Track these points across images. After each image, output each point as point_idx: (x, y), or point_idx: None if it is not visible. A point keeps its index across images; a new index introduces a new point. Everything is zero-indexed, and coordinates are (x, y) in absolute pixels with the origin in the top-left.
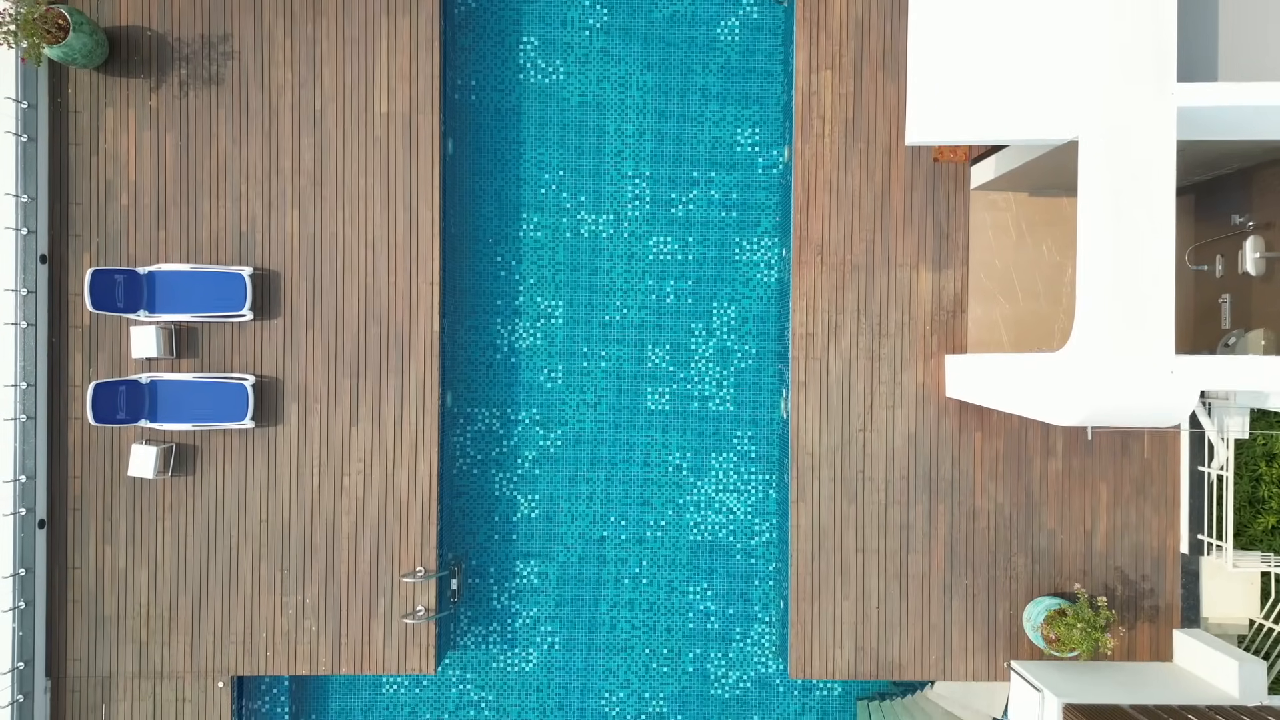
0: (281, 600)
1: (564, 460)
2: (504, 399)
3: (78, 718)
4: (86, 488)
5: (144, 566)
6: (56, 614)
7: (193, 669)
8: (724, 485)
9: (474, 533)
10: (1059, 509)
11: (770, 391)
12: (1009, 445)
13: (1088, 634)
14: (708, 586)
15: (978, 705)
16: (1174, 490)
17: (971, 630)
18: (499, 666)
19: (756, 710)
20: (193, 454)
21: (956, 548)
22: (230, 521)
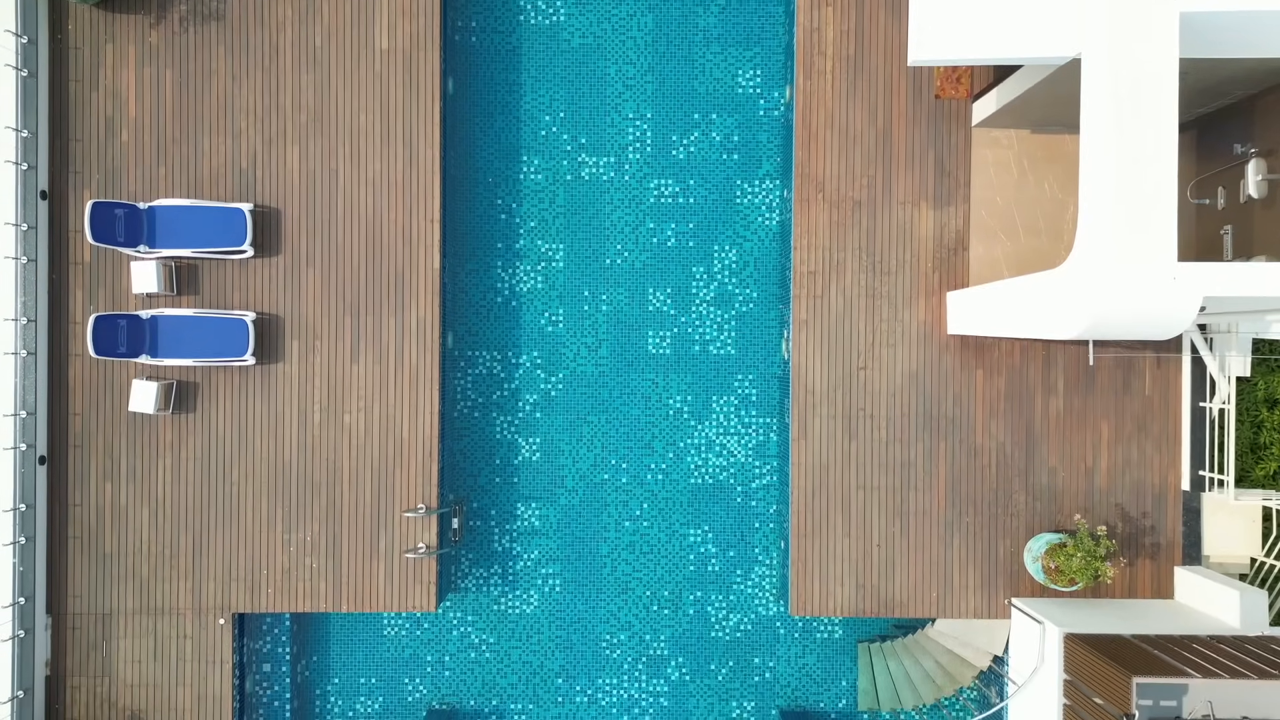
0: (282, 538)
1: (565, 403)
2: (505, 342)
3: (79, 654)
4: (87, 424)
5: (145, 504)
6: (57, 551)
7: (194, 606)
8: (725, 429)
9: (475, 475)
10: (1060, 446)
11: (771, 335)
12: (1010, 383)
13: (1088, 563)
14: (708, 529)
15: (978, 643)
16: (1175, 427)
17: (972, 567)
18: (500, 609)
19: (757, 652)
20: (193, 391)
21: (958, 485)
22: (231, 459)
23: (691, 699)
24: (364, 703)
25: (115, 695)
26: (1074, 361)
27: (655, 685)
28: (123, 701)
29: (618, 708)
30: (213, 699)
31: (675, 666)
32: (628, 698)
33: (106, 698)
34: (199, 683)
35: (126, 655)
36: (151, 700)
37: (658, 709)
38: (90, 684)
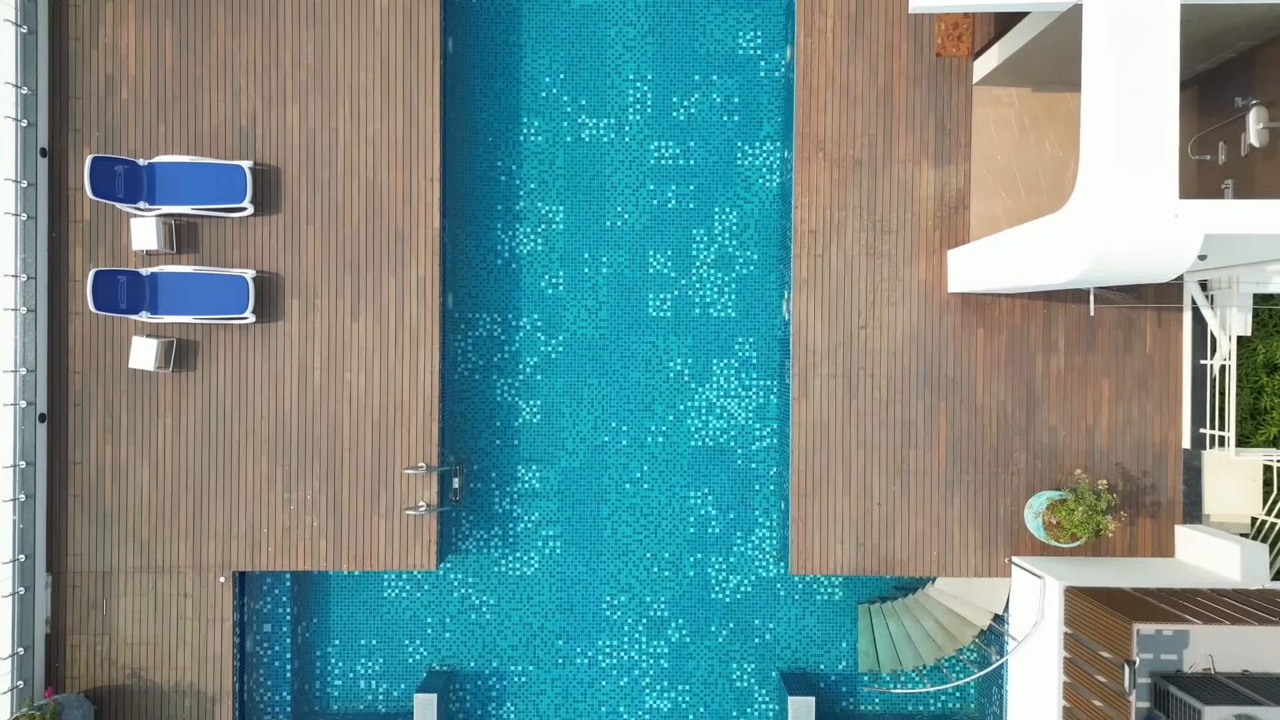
0: (283, 496)
1: (565, 366)
2: (505, 304)
3: (79, 613)
4: (87, 383)
5: (145, 462)
6: (57, 509)
7: (194, 564)
8: (725, 391)
9: (475, 438)
10: (1061, 405)
11: (772, 297)
12: (1011, 342)
13: (1089, 518)
14: (708, 491)
15: (978, 601)
16: (1176, 386)
17: (973, 526)
18: (500, 570)
19: (757, 614)
20: (193, 350)
21: (958, 444)
22: (231, 417)
23: (691, 661)
24: (364, 664)
25: (116, 653)
26: (1075, 320)
27: (655, 647)
28: (123, 659)
29: (618, 669)
30: (213, 657)
31: (675, 628)
32: (628, 659)
33: (107, 656)
34: (199, 641)
35: (127, 613)
36: (152, 658)
37: (658, 670)
38: (90, 642)
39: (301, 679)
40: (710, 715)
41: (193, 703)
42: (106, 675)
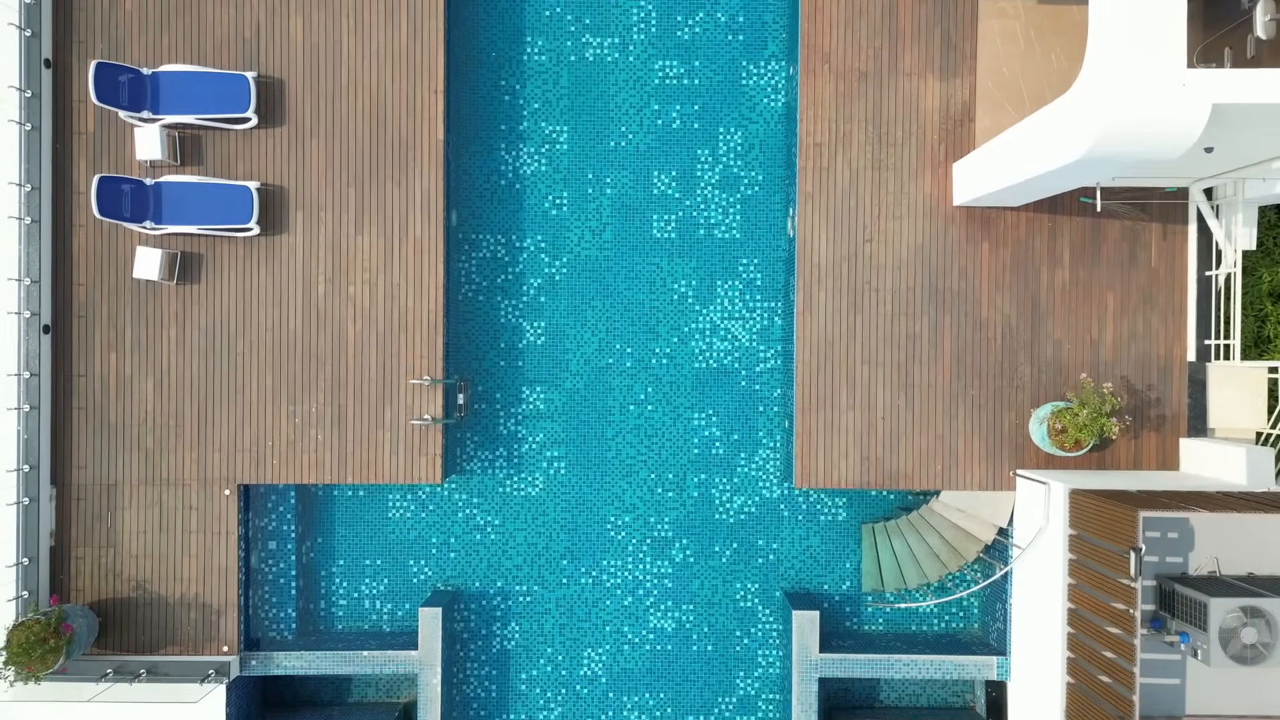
0: (288, 409)
1: (569, 287)
2: (509, 225)
3: (83, 526)
4: (91, 295)
5: (150, 374)
6: (62, 421)
7: (199, 477)
8: (729, 313)
9: (480, 359)
10: (1065, 319)
11: (776, 218)
12: (1016, 255)
13: (1094, 420)
14: (712, 413)
15: (983, 514)
16: (1181, 299)
17: (978, 440)
18: (505, 491)
19: (761, 534)
20: (197, 262)
21: (963, 358)
22: (236, 331)
23: (695, 580)
24: (369, 584)
25: (120, 566)
26: (1080, 233)
27: (659, 567)
28: (128, 572)
29: (622, 589)
30: (219, 570)
31: (679, 548)
32: (632, 579)
33: (112, 569)
34: (205, 554)
35: (132, 526)
36: (157, 571)
37: (662, 590)
38: (95, 555)
39: (306, 598)
40: (714, 635)
41: (198, 615)
42: (111, 588)
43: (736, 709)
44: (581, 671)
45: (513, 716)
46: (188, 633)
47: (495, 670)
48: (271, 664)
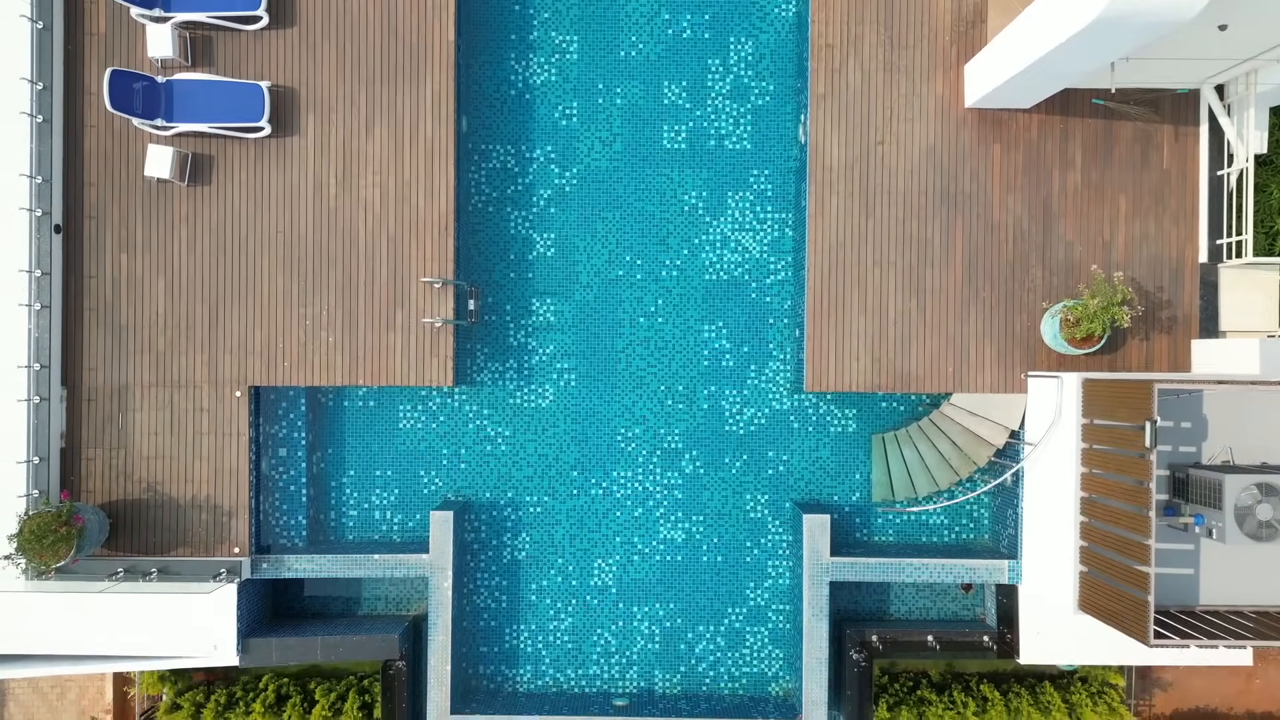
0: (299, 311)
1: (579, 199)
2: (518, 136)
3: (94, 427)
4: (103, 195)
5: (161, 275)
6: (72, 323)
7: (210, 379)
8: (740, 224)
9: (489, 270)
10: (1077, 221)
11: (787, 129)
12: (1028, 158)
13: (1105, 308)
14: (723, 325)
15: (995, 417)
16: (1193, 201)
17: (989, 343)
18: (515, 402)
19: (771, 446)
20: (209, 164)
21: (974, 261)
22: (247, 232)
23: (705, 492)
24: (379, 495)
25: (131, 468)
26: (1092, 135)
27: (669, 478)
28: (139, 474)
29: (632, 500)
30: (230, 471)
31: (689, 460)
32: (642, 490)
33: (122, 470)
34: (216, 455)
35: (143, 428)
36: (168, 472)
37: (671, 501)
38: (106, 456)
39: (316, 507)
40: (724, 546)
41: (209, 517)
42: (122, 489)
43: (746, 619)
44: (592, 582)
45: (522, 626)
46: (198, 534)
47: (505, 581)
48: (282, 567)
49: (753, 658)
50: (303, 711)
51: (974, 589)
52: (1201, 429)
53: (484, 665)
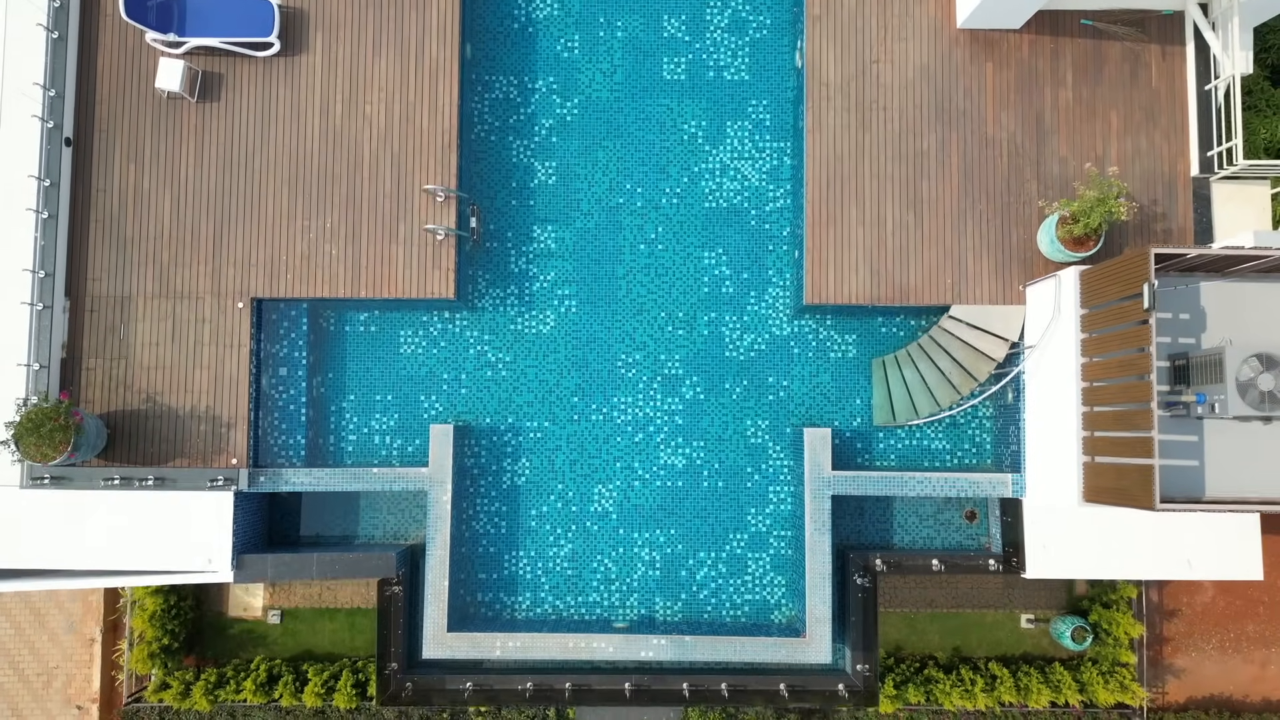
0: (302, 225)
1: (581, 128)
2: (521, 67)
3: (96, 337)
4: (113, 110)
5: (168, 190)
6: (78, 235)
7: (213, 290)
8: (739, 153)
9: (491, 197)
10: (1070, 137)
11: (785, 61)
12: (1019, 75)
13: (1102, 201)
14: (723, 252)
15: (994, 328)
16: (1183, 116)
17: (986, 255)
18: (516, 329)
19: (771, 371)
20: (218, 82)
21: (970, 174)
22: (253, 148)
23: (706, 417)
24: (379, 419)
25: (131, 378)
26: (1082, 54)
27: (670, 404)
28: (139, 383)
29: (632, 425)
30: (230, 382)
31: (690, 386)
32: (642, 416)
33: (122, 380)
34: (217, 366)
35: (144, 338)
36: (167, 383)
37: (672, 427)
38: (106, 366)
39: (316, 430)
40: (725, 471)
41: (208, 428)
42: (121, 400)
43: (748, 546)
44: (592, 508)
45: (522, 553)
46: (196, 445)
47: (505, 506)
48: (280, 480)
49: (754, 584)
50: (294, 689)
51: (978, 518)
52: (1200, 321)
53: (482, 592)
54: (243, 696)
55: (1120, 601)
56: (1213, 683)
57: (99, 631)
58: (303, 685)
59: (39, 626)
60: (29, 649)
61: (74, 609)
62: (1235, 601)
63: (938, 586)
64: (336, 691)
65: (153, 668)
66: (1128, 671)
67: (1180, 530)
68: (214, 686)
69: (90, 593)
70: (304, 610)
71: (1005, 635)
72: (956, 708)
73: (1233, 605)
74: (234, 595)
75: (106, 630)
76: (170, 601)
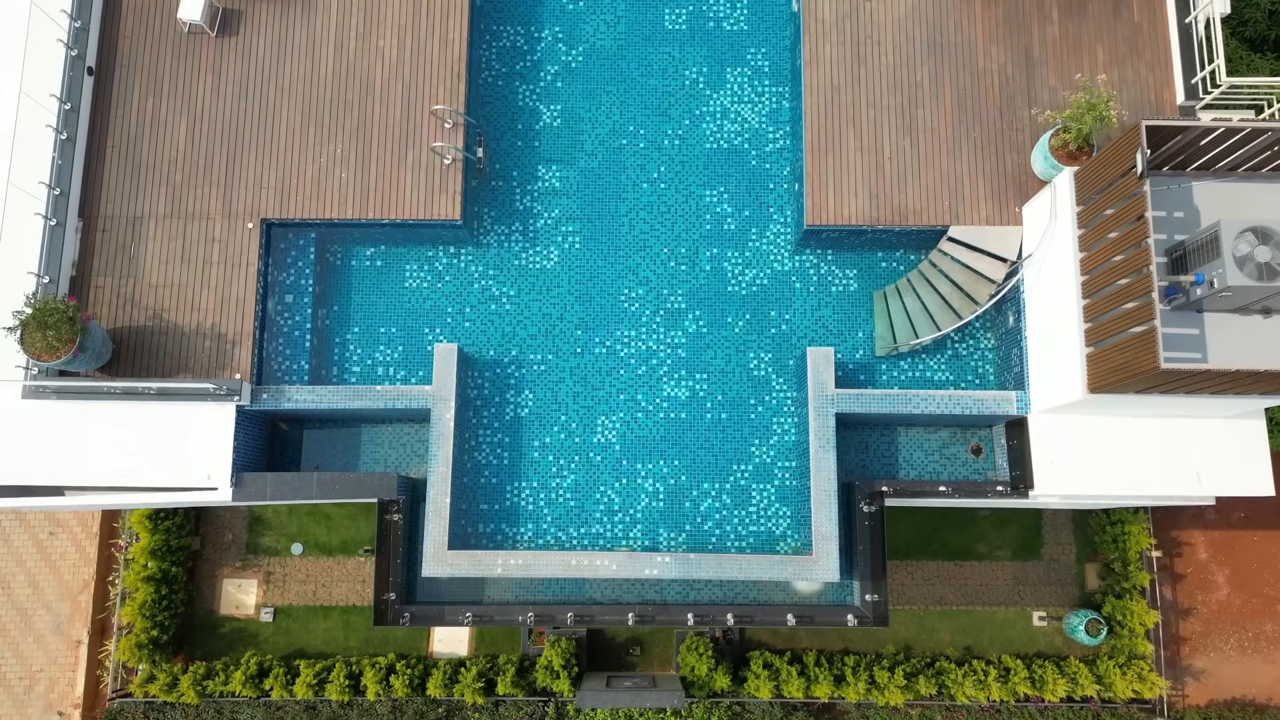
0: (314, 150)
1: (585, 74)
2: (528, 17)
3: (106, 255)
4: (136, 45)
5: (183, 118)
6: (95, 160)
7: (224, 211)
8: (739, 97)
9: (497, 139)
10: (1058, 69)
11: (782, 11)
12: (1007, 12)
13: (1092, 107)
14: (724, 190)
15: (993, 248)
16: (1165, 50)
17: (982, 179)
18: (520, 264)
19: (773, 306)
20: (237, 18)
21: (963, 103)
22: (268, 79)
23: (709, 350)
24: (383, 351)
25: (139, 295)
26: None
27: (673, 337)
28: (146, 301)
29: (635, 358)
30: (236, 300)
31: (693, 319)
32: (645, 349)
33: (130, 297)
34: (224, 285)
35: (154, 257)
36: (175, 300)
37: (675, 360)
38: (114, 284)
39: (319, 360)
40: (728, 403)
41: (213, 345)
42: (128, 316)
43: (753, 476)
44: (595, 439)
45: (524, 484)
46: (201, 361)
47: (507, 438)
48: (283, 397)
49: (759, 515)
50: (285, 682)
51: (984, 453)
52: (1194, 219)
53: (484, 523)
54: (232, 689)
55: (1133, 590)
56: (1233, 684)
57: (86, 633)
58: (294, 679)
59: (25, 628)
60: (13, 651)
61: (62, 609)
62: (1251, 600)
63: (946, 583)
64: (329, 684)
65: (140, 660)
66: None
67: (1186, 445)
68: (202, 678)
69: (80, 593)
70: (297, 608)
71: (1017, 634)
72: (970, 699)
73: (1249, 604)
74: (226, 592)
75: (94, 632)
76: (161, 592)
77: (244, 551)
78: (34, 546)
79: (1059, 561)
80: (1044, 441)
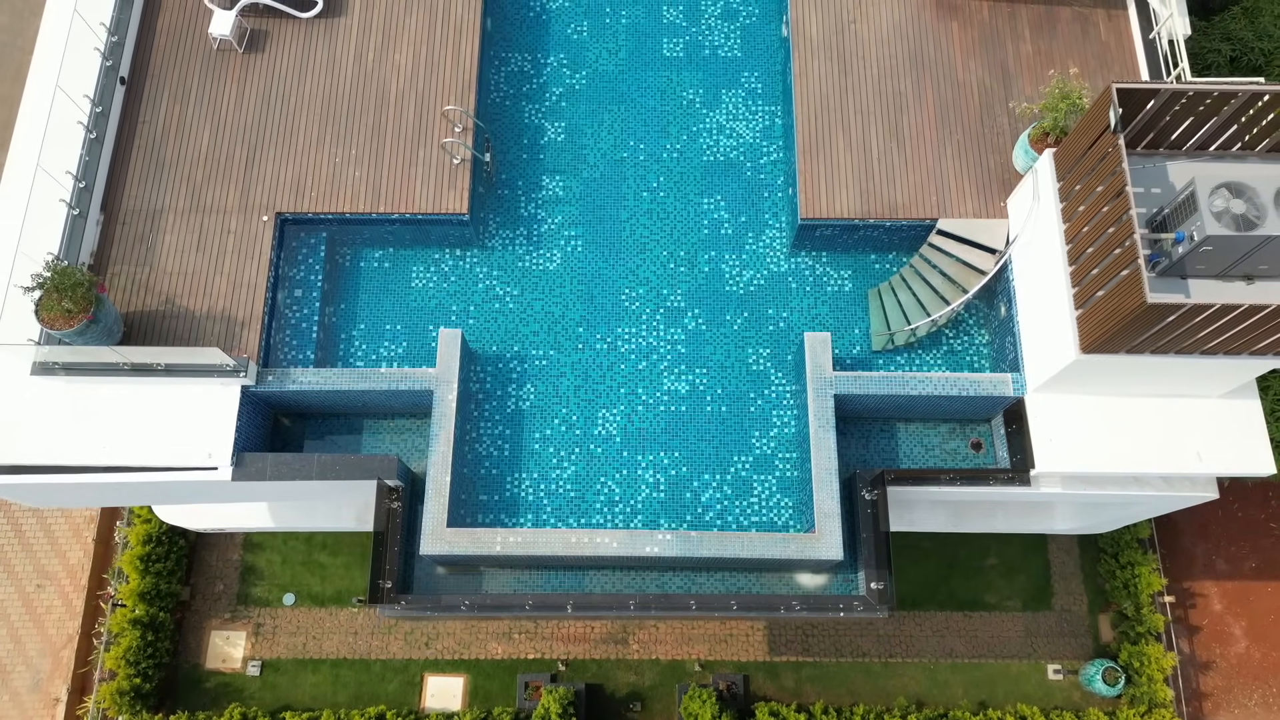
0: (330, 152)
1: (588, 95)
2: (535, 45)
3: (124, 245)
4: (167, 59)
5: (207, 123)
6: (121, 159)
7: (241, 206)
8: (734, 115)
9: (504, 152)
10: (1034, 81)
11: (772, 43)
12: (982, 32)
13: (1066, 96)
14: (721, 198)
15: (981, 239)
16: (1133, 63)
17: (967, 177)
18: (524, 265)
19: (771, 304)
20: (264, 38)
21: (945, 109)
22: (289, 90)
23: (708, 346)
24: (388, 346)
25: (154, 282)
26: (1036, 16)
27: (672, 334)
28: (160, 287)
29: (636, 354)
30: (248, 286)
31: (692, 317)
32: (646, 345)
33: (145, 284)
34: (237, 272)
35: (171, 246)
36: (189, 286)
37: (675, 355)
38: (131, 271)
39: (325, 353)
40: (728, 396)
41: (223, 327)
42: (142, 300)
43: (753, 468)
44: (596, 431)
45: (524, 475)
46: (209, 342)
47: (509, 430)
48: (288, 379)
49: (761, 506)
50: None
51: (984, 448)
52: (1169, 195)
53: (484, 514)
54: None
55: (1148, 635)
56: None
57: (65, 691)
58: None
59: (1, 685)
60: None
61: (42, 665)
62: (1271, 653)
63: (956, 635)
64: None
65: (120, 710)
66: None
67: (1185, 426)
68: None
69: (63, 648)
70: (285, 661)
71: (1032, 688)
72: None
73: (1269, 657)
74: (213, 645)
75: (74, 689)
76: (147, 639)
77: (234, 602)
78: (20, 599)
79: (1071, 612)
80: (1041, 420)
